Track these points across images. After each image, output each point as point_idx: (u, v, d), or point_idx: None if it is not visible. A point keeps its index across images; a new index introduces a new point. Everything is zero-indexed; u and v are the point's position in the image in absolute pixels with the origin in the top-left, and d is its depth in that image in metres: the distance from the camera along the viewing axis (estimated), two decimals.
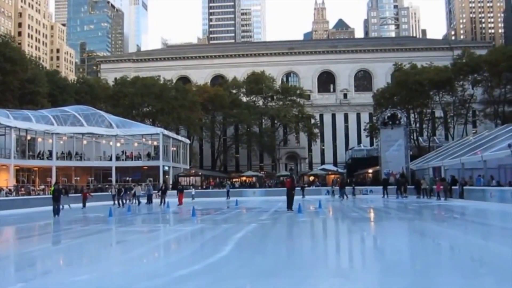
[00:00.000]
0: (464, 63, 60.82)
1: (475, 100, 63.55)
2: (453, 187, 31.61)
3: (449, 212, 21.81)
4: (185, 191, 40.46)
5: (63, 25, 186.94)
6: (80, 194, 34.47)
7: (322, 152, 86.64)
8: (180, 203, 32.95)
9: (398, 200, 33.88)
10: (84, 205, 31.65)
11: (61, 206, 24.48)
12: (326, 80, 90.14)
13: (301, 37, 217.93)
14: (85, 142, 47.49)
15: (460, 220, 18.93)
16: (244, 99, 74.00)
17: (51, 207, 29.16)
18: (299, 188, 41.89)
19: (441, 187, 32.41)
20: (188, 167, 57.92)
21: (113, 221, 20.14)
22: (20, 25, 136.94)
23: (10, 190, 36.51)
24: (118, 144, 49.49)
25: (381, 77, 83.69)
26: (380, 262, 8.89)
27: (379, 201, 33.21)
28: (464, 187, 29.79)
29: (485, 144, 33.85)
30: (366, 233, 14.19)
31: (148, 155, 49.86)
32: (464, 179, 31.56)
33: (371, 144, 74.14)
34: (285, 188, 23.66)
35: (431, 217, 20.38)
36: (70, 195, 32.93)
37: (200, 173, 55.64)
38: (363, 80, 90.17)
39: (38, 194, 38.21)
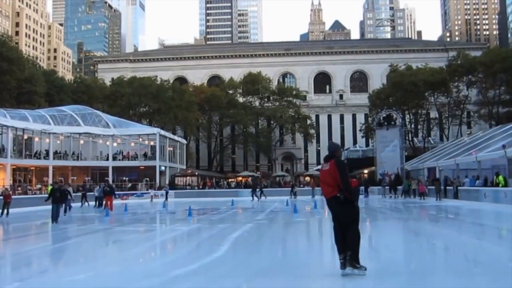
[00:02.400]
0: (459, 64, 61.22)
1: (470, 101, 63.98)
2: (447, 187, 31.91)
3: (443, 212, 22.12)
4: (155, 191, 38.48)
5: (61, 25, 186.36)
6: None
7: (318, 153, 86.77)
8: (109, 207, 25.76)
9: (391, 200, 34.21)
10: (7, 212, 24.11)
11: (63, 210, 22.19)
12: (322, 81, 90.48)
13: (297, 38, 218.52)
14: (82, 141, 47.52)
15: (453, 220, 19.17)
16: (241, 99, 74.17)
17: (48, 207, 29.16)
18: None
19: (425, 187, 33.75)
20: (185, 167, 58.06)
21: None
22: (17, 24, 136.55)
23: (6, 189, 36.52)
24: (115, 144, 49.52)
25: (377, 78, 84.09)
26: (374, 262, 8.88)
27: (374, 202, 33.49)
28: (459, 187, 30.08)
29: (480, 144, 34.14)
30: (361, 233, 14.24)
31: (145, 155, 49.94)
32: (450, 179, 32.10)
33: (367, 144, 74.44)
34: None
35: (426, 217, 20.61)
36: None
37: (196, 173, 55.80)
38: (359, 81, 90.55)
39: (35, 194, 38.26)
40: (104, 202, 28.43)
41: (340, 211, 6.95)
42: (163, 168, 49.65)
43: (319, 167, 58.60)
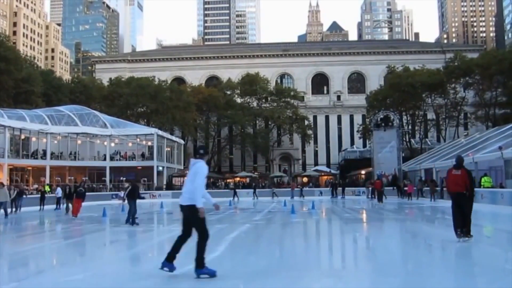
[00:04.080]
0: (456, 66, 61.35)
1: (467, 103, 64.16)
2: (444, 188, 32.00)
3: (440, 213, 22.21)
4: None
5: (58, 25, 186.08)
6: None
7: (316, 154, 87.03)
8: (75, 213, 22.49)
9: (387, 201, 34.33)
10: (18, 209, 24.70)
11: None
12: (320, 82, 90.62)
13: (295, 39, 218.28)
14: (79, 142, 47.49)
15: (448, 220, 19.24)
16: (239, 100, 74.23)
17: (46, 206, 29.09)
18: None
19: (414, 188, 35.06)
20: (182, 168, 58.04)
21: None
22: (15, 24, 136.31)
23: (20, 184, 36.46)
24: (113, 144, 49.51)
25: (374, 80, 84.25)
26: (372, 262, 8.97)
27: (370, 202, 33.61)
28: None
29: (477, 146, 34.30)
30: (358, 234, 14.26)
31: (143, 155, 49.93)
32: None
33: (364, 145, 74.59)
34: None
35: (422, 217, 20.70)
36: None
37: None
38: (356, 82, 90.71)
39: (32, 194, 38.19)
40: (66, 205, 25.45)
41: (464, 203, 10.35)
42: (160, 168, 49.65)
43: (317, 167, 58.97)
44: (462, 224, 10.24)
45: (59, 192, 29.78)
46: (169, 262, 7.14)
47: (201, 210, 6.90)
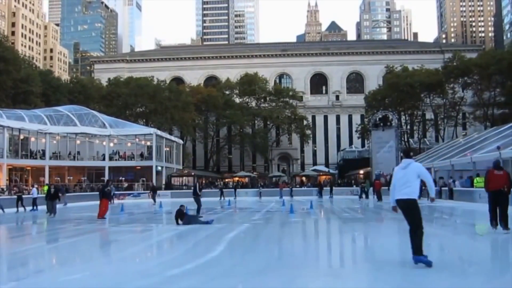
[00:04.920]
0: (455, 66, 61.47)
1: (465, 103, 64.26)
2: (442, 188, 32.10)
3: (438, 213, 22.30)
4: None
5: (57, 25, 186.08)
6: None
7: (314, 153, 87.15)
8: (101, 215, 20.56)
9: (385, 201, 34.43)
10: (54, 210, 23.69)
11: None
12: (319, 82, 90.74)
13: (294, 39, 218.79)
14: (78, 142, 47.52)
15: (449, 220, 19.34)
16: (237, 100, 74.30)
17: (44, 207, 29.07)
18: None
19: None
20: (181, 167, 58.14)
21: None
22: (13, 24, 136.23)
23: (2, 189, 36.51)
24: (112, 144, 49.55)
25: (373, 79, 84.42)
26: (370, 261, 9.02)
27: (370, 202, 33.67)
28: (454, 189, 30.26)
29: (475, 146, 34.30)
30: (357, 233, 14.31)
31: (141, 155, 49.98)
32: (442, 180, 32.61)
33: (363, 145, 74.75)
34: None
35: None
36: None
37: (193, 173, 55.89)
38: (355, 82, 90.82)
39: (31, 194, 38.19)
40: (48, 206, 24.13)
41: (502, 200, 11.74)
42: (159, 168, 49.70)
43: (316, 167, 59.24)
44: (499, 217, 11.74)
45: (34, 192, 28.57)
46: (419, 255, 7.52)
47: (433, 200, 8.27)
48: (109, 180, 31.65)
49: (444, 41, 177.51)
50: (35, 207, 27.83)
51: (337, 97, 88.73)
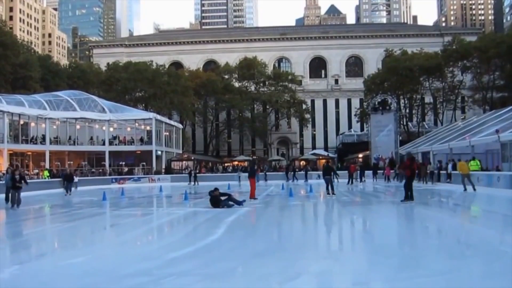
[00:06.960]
0: (454, 49, 61.37)
1: (464, 86, 64.26)
2: (441, 171, 32.34)
3: (436, 196, 22.56)
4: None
5: (55, 9, 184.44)
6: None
7: (313, 137, 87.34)
8: (252, 194, 20.15)
9: (386, 184, 34.70)
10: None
11: None
12: (318, 66, 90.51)
13: (293, 23, 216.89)
14: (78, 126, 47.61)
15: (448, 204, 19.55)
16: (236, 84, 74.19)
17: (45, 191, 29.38)
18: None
19: (392, 171, 37.30)
20: (181, 152, 58.33)
21: None
22: (11, 9, 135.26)
23: (3, 174, 36.70)
24: (111, 129, 49.67)
25: (372, 63, 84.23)
26: (369, 244, 9.16)
27: (369, 186, 33.95)
28: (453, 172, 30.40)
29: (474, 129, 34.55)
30: (355, 216, 14.46)
31: (141, 139, 50.11)
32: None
33: (362, 129, 74.94)
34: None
35: (419, 200, 20.98)
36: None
37: (192, 158, 56.13)
38: (354, 66, 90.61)
39: (32, 178, 38.41)
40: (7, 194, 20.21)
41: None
42: (159, 152, 49.92)
43: (315, 151, 59.87)
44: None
45: (6, 178, 21.80)
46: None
47: None
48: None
49: (443, 24, 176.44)
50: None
51: (336, 81, 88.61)
